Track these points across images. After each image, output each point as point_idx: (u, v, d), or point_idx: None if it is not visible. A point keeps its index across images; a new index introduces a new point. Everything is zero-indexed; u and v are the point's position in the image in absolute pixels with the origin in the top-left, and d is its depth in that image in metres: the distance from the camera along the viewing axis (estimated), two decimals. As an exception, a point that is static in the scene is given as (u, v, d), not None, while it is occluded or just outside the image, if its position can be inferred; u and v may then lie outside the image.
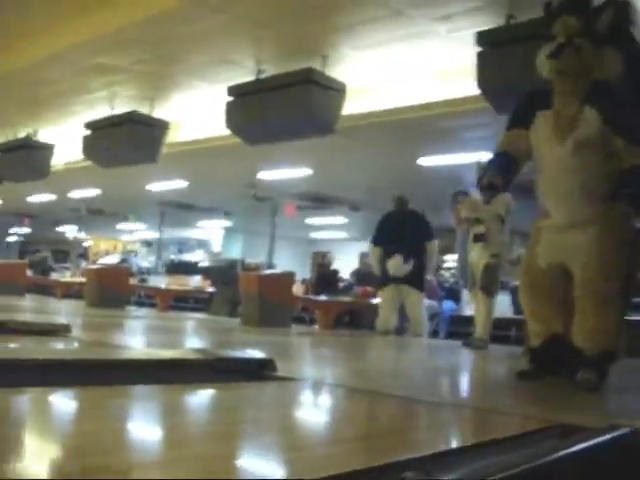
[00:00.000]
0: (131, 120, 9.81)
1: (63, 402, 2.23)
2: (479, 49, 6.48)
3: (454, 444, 1.93)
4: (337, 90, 8.05)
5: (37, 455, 1.46)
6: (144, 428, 1.92)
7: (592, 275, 3.33)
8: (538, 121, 3.49)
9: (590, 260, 3.34)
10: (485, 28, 6.46)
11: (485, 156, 10.04)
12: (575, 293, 3.40)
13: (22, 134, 12.01)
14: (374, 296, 8.55)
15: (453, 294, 11.18)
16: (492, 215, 6.54)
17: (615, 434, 1.69)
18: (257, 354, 3.28)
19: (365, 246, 21.31)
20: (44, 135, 12.00)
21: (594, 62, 3.38)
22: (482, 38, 6.45)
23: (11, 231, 26.76)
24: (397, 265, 7.79)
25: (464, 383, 4.16)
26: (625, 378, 4.45)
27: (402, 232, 7.85)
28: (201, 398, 2.60)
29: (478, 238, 6.58)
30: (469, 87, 6.65)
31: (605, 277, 3.32)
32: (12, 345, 3.58)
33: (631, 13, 4.61)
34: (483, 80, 6.42)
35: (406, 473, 1.29)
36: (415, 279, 7.83)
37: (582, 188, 3.36)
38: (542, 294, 3.49)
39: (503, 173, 3.55)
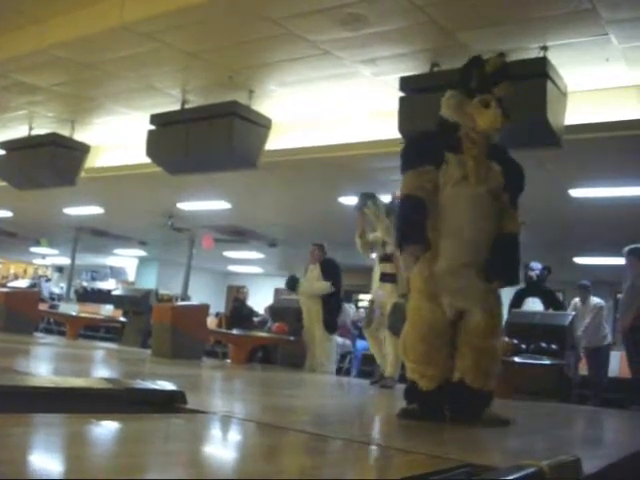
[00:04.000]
0: (51, 142, 9.63)
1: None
2: (402, 94, 6.63)
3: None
4: (261, 125, 8.09)
5: None
6: (46, 458, 1.87)
7: (496, 322, 3.62)
8: (450, 162, 3.58)
9: (492, 309, 3.61)
10: (409, 74, 6.62)
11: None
12: (473, 336, 3.54)
13: None
14: (289, 333, 8.55)
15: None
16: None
17: (522, 474, 1.72)
18: (167, 386, 3.22)
19: (281, 282, 21.33)
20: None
21: None
22: (405, 83, 6.60)
23: None
24: None
25: (372, 421, 4.18)
26: (526, 420, 4.56)
27: None
28: (108, 429, 2.54)
29: (387, 278, 6.48)
30: (391, 130, 6.77)
31: (501, 324, 3.72)
32: None
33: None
34: (404, 124, 6.55)
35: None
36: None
37: (488, 233, 3.57)
38: (442, 340, 3.55)
39: (423, 231, 3.52)
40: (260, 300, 15.68)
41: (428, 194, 3.55)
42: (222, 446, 2.57)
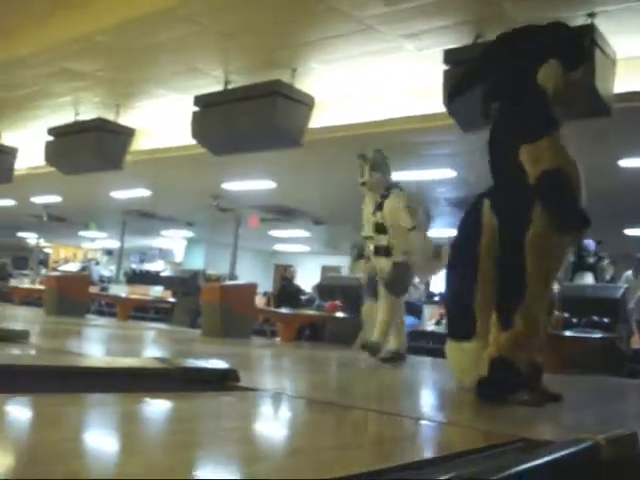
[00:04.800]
0: (97, 127, 9.72)
1: (21, 409, 2.18)
2: (446, 67, 6.55)
3: (417, 457, 1.93)
4: (305, 103, 8.06)
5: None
6: (101, 436, 1.90)
7: None
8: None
9: None
10: (453, 46, 6.53)
11: (450, 173, 10.16)
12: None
13: (-16, 137, 11.86)
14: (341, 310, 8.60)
15: (413, 309, 11.20)
16: (394, 223, 6.03)
17: (578, 447, 1.70)
18: (220, 364, 3.25)
19: (328, 260, 21.36)
20: (7, 138, 11.86)
21: None
22: (449, 56, 6.51)
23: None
24: None
25: (423, 397, 4.17)
26: (579, 394, 4.51)
27: None
28: (162, 407, 2.56)
29: (382, 251, 6.03)
30: (436, 104, 6.70)
31: None
32: (-31, 350, 3.52)
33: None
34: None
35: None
36: None
37: None
38: None
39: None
40: (307, 278, 15.72)
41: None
42: (276, 423, 2.58)
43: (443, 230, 11.28)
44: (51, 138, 10.46)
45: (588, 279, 8.85)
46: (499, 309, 3.33)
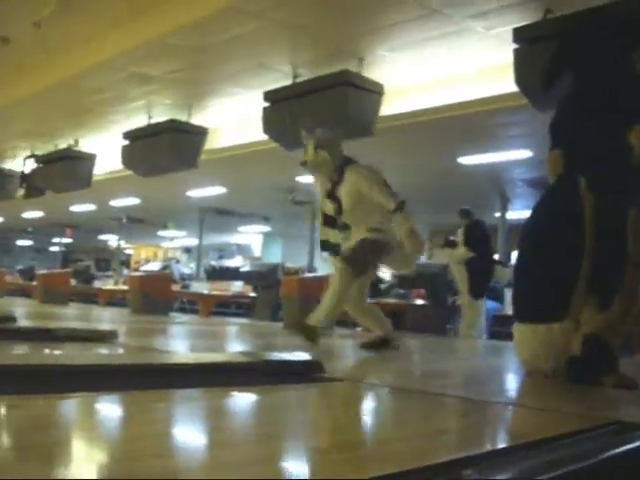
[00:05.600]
0: (170, 128, 9.88)
1: (111, 407, 2.24)
2: (516, 46, 6.42)
3: (509, 442, 1.90)
4: (374, 91, 8.02)
5: (85, 459, 1.46)
6: (192, 431, 1.92)
7: None
8: None
9: None
10: (522, 24, 6.40)
11: (525, 153, 9.98)
12: None
13: (63, 144, 12.18)
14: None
15: (495, 294, 11.04)
16: (352, 204, 5.02)
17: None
18: (304, 356, 3.27)
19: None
20: (85, 145, 12.17)
21: None
22: (519, 34, 6.38)
23: (54, 241, 27.17)
24: None
25: (509, 382, 4.11)
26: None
27: None
28: (249, 400, 2.59)
29: (335, 249, 5.03)
30: (507, 84, 6.59)
31: None
32: (60, 352, 3.62)
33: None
34: (521, 77, 6.35)
35: (465, 471, 1.27)
36: None
37: None
38: None
39: None
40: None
41: None
42: (366, 412, 2.59)
43: (522, 212, 11.10)
44: (126, 142, 10.69)
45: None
46: (598, 290, 3.26)
